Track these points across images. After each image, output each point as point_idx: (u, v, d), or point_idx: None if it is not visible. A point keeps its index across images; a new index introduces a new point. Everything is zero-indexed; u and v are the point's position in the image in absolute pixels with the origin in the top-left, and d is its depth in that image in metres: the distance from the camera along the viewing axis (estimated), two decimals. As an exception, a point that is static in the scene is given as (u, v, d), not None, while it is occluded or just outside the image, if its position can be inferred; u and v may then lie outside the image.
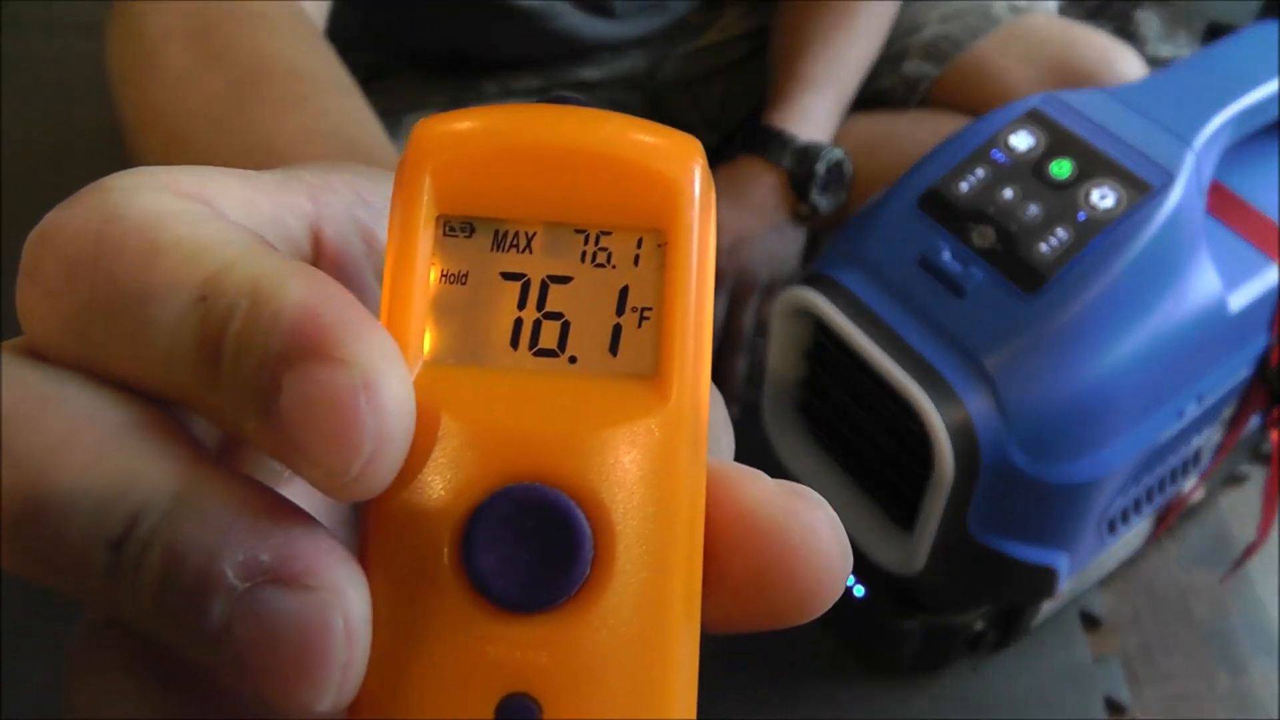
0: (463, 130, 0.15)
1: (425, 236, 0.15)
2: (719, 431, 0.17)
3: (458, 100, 0.76)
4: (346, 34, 0.48)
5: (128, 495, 0.13)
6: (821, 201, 0.75)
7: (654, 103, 0.83)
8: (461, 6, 0.70)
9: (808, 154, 0.74)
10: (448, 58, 0.76)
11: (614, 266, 0.15)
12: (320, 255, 0.16)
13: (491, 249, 0.15)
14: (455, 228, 0.15)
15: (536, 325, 0.15)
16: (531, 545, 0.14)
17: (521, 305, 0.15)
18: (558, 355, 0.15)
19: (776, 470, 0.15)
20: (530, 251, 0.15)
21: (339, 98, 0.37)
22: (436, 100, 0.76)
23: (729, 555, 0.14)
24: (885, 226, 0.60)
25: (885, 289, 0.58)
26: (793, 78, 0.76)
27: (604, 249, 0.15)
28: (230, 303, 0.13)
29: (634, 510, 0.14)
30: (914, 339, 0.56)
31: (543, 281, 0.15)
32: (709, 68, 0.83)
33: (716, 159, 0.79)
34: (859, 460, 0.66)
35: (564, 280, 0.15)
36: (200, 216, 0.14)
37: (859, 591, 0.70)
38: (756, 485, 0.15)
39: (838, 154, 0.74)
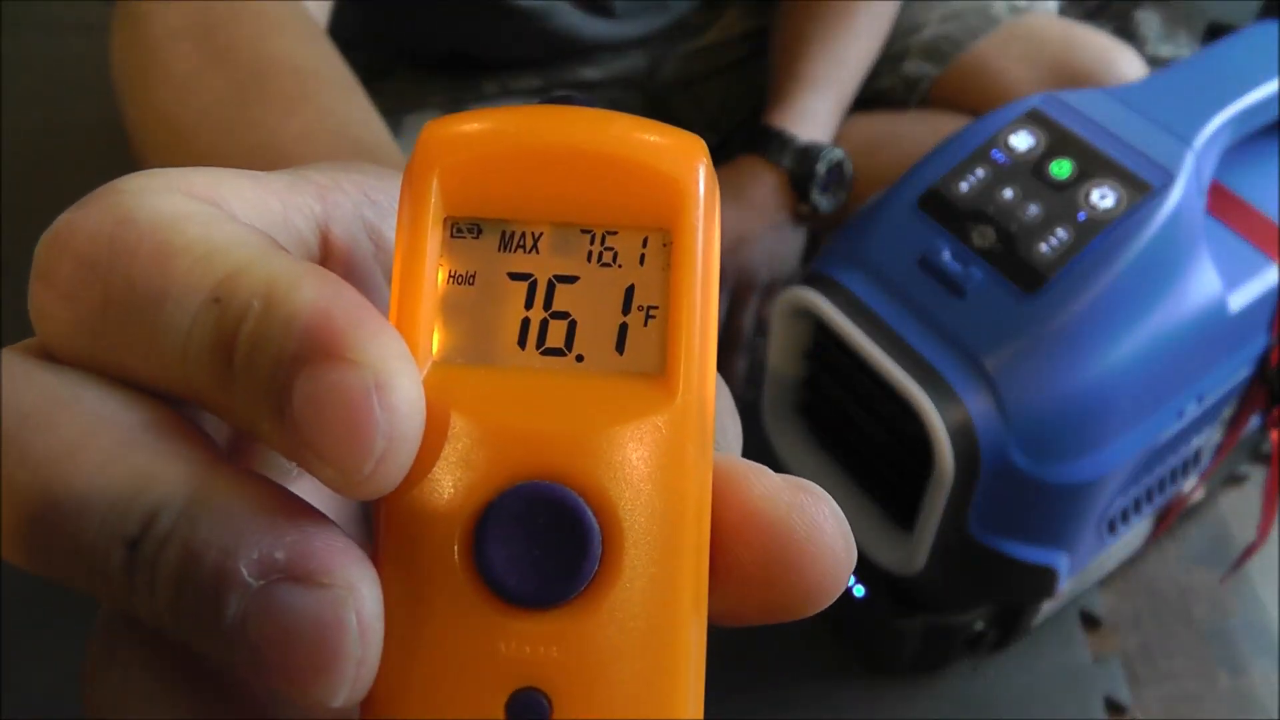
0: (470, 132, 0.15)
1: (433, 238, 0.15)
2: (726, 421, 0.17)
3: (458, 100, 0.76)
4: (346, 34, 0.48)
5: (144, 495, 0.13)
6: (822, 201, 0.75)
7: (654, 103, 0.83)
8: (461, 6, 0.70)
9: (808, 154, 0.74)
10: (448, 58, 0.76)
11: (620, 266, 0.15)
12: (328, 255, 0.16)
13: (499, 249, 0.15)
14: (463, 229, 0.15)
15: (544, 325, 0.15)
16: (541, 542, 0.14)
17: (529, 305, 0.15)
18: (565, 354, 0.15)
19: (776, 470, 0.16)
20: (537, 252, 0.15)
21: (343, 96, 0.37)
22: (436, 100, 0.76)
23: (735, 549, 0.15)
24: (885, 226, 0.60)
25: (885, 289, 0.58)
26: (793, 78, 0.76)
27: (610, 249, 0.15)
28: (244, 304, 0.13)
29: (642, 506, 0.14)
30: (914, 339, 0.56)
31: (549, 281, 0.15)
32: (709, 68, 0.83)
33: (717, 159, 0.79)
34: (859, 460, 0.66)
35: (571, 280, 0.15)
36: (212, 218, 0.14)
37: (859, 591, 0.70)
38: (762, 480, 0.15)
39: (838, 154, 0.74)
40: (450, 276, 0.15)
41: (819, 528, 0.14)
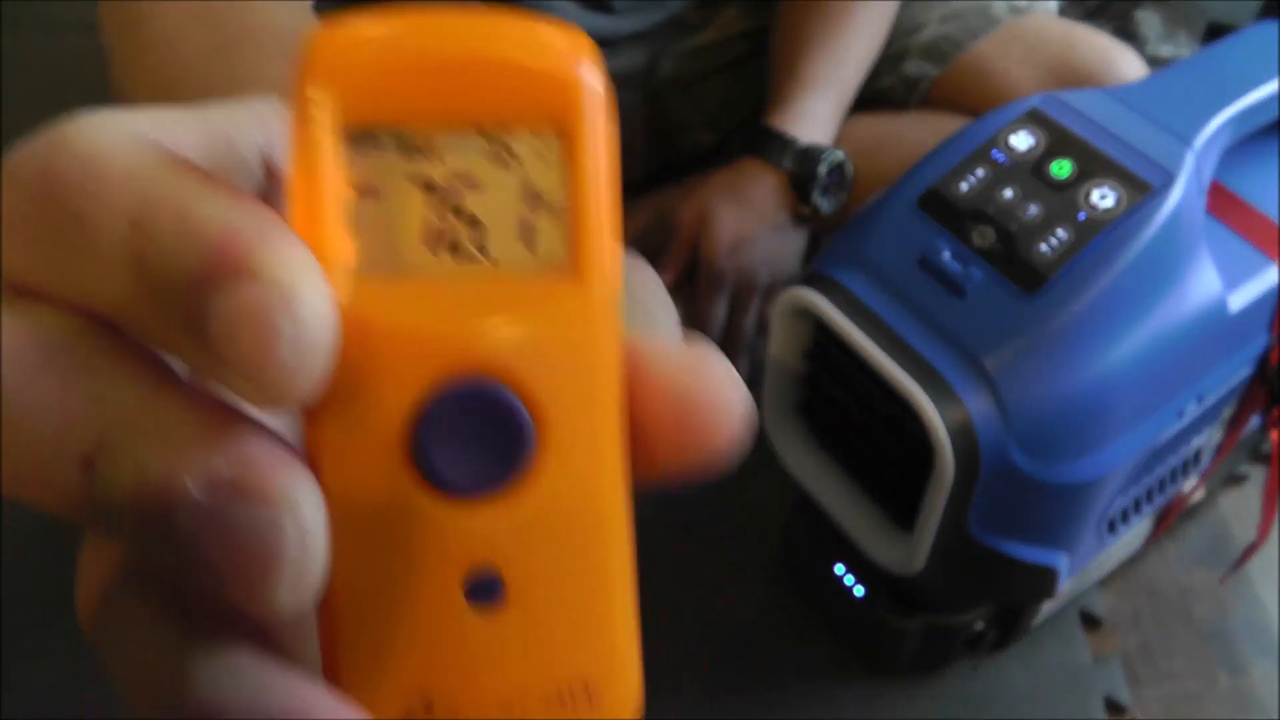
0: (359, 39, 0.15)
1: (328, 149, 0.15)
2: (656, 309, 0.18)
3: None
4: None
5: (95, 416, 0.14)
6: (823, 203, 0.75)
7: (654, 101, 0.83)
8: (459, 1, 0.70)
9: (809, 156, 0.74)
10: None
11: (521, 165, 0.15)
12: (273, 181, 0.17)
13: (397, 157, 0.15)
14: (359, 139, 0.15)
15: (451, 229, 0.15)
16: (476, 435, 0.15)
17: (434, 211, 0.15)
18: (474, 256, 0.15)
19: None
20: (437, 158, 0.15)
21: None
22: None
23: (645, 418, 0.16)
24: (885, 226, 0.60)
25: (885, 289, 0.58)
26: (793, 79, 0.76)
27: (508, 149, 0.15)
28: (158, 227, 0.13)
29: (564, 391, 0.15)
30: (914, 339, 0.56)
31: (452, 186, 0.15)
32: (708, 66, 0.83)
33: (717, 159, 0.79)
34: (859, 460, 0.66)
35: (473, 182, 0.15)
36: (142, 147, 0.14)
37: (859, 591, 0.70)
38: (663, 350, 0.16)
39: (839, 155, 0.74)
40: (352, 187, 0.15)
41: (717, 387, 0.16)
